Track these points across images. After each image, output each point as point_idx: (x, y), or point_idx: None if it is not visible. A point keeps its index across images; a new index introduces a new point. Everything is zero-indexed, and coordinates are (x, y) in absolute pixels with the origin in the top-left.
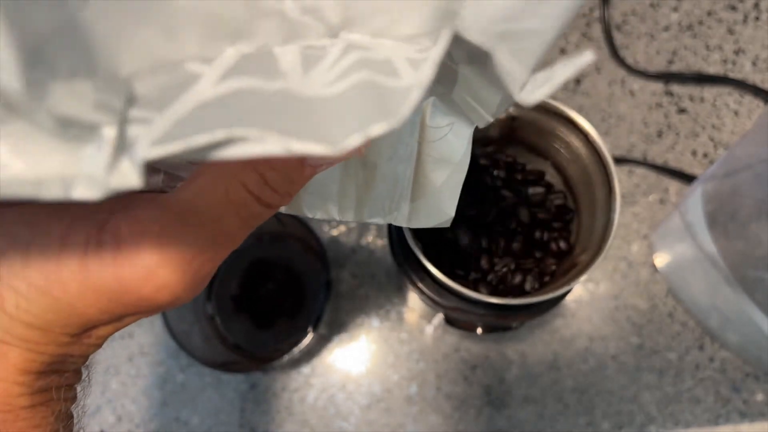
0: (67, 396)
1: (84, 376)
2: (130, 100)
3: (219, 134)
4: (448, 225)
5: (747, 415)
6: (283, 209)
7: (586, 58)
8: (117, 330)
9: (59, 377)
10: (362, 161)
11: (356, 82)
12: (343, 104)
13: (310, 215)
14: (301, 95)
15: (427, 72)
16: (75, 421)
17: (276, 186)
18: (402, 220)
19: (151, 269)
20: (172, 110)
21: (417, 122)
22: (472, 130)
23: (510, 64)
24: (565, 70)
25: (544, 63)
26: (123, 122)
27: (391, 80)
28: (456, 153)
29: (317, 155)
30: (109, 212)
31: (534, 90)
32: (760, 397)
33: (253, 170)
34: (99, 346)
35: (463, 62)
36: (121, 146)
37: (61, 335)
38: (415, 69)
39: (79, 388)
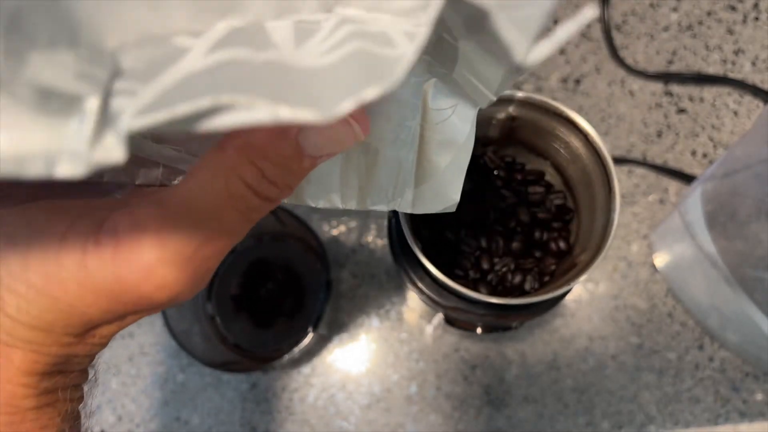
0: (73, 396)
1: (90, 375)
2: (115, 73)
3: (204, 102)
4: (453, 210)
5: (746, 414)
6: (285, 200)
7: (587, 14)
8: (121, 329)
9: (64, 377)
10: (363, 147)
11: (349, 51)
12: (335, 72)
13: (313, 205)
14: (293, 65)
15: (422, 31)
16: (82, 420)
17: (275, 179)
18: (406, 206)
19: (150, 267)
20: (158, 81)
21: (419, 105)
22: (476, 111)
23: (510, 34)
24: (566, 29)
25: (541, 62)
26: (107, 94)
27: (386, 49)
28: (460, 135)
29: (308, 122)
30: (110, 210)
31: (535, 48)
32: (759, 396)
33: (251, 164)
34: (104, 345)
35: (462, 36)
36: (105, 119)
37: (64, 335)
38: (411, 41)
39: (85, 388)
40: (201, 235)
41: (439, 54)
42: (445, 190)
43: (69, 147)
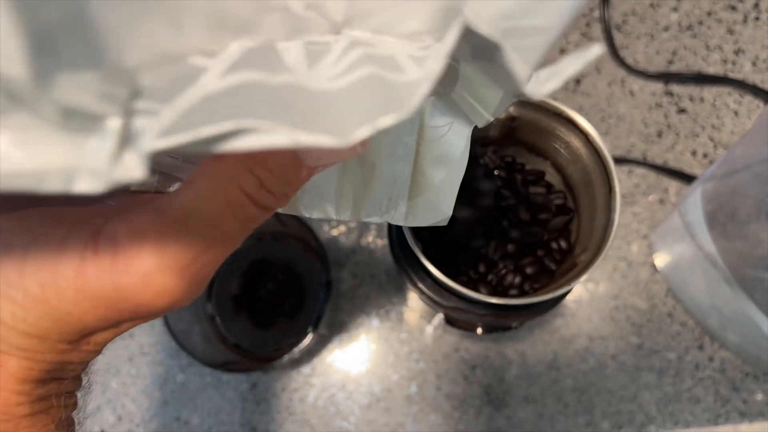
0: (67, 403)
1: (84, 382)
2: (135, 92)
3: (227, 125)
4: (444, 224)
5: (746, 414)
6: (280, 209)
7: (594, 51)
8: (116, 336)
9: (59, 384)
10: (360, 161)
11: (362, 76)
12: (349, 97)
13: (307, 215)
14: (307, 88)
15: (437, 63)
16: (77, 427)
17: (273, 189)
18: (399, 219)
19: (149, 275)
20: (178, 102)
21: (416, 122)
22: (471, 129)
23: (516, 63)
24: (573, 64)
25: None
26: (128, 114)
27: (396, 75)
28: (454, 152)
29: (325, 147)
30: (106, 217)
31: (543, 83)
32: (759, 396)
33: (249, 173)
34: (98, 352)
35: (465, 60)
36: (126, 138)
37: (59, 343)
38: (419, 66)
39: (79, 395)
40: (200, 243)
41: (441, 74)
42: (438, 205)
43: (89, 164)
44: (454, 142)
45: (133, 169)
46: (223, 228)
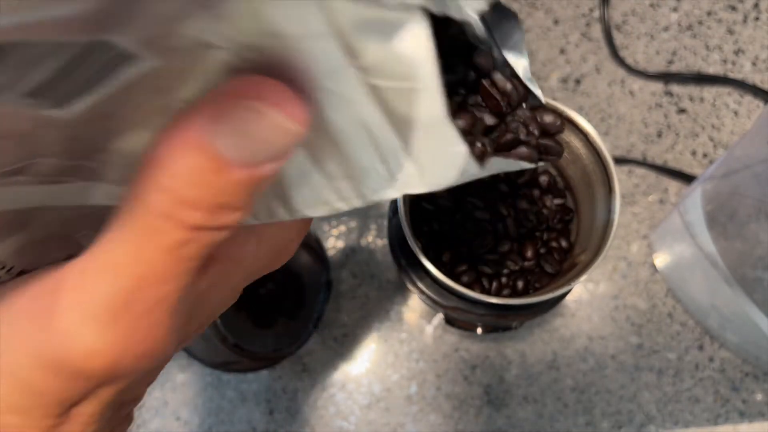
0: None
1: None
2: None
3: None
4: (472, 168)
5: (746, 414)
6: (286, 216)
7: None
8: (105, 407)
9: None
10: (312, 127)
11: None
12: None
13: (312, 215)
14: None
15: None
16: None
17: (196, 201)
18: (414, 183)
19: (72, 332)
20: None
21: (332, 37)
22: (427, 24)
23: None
24: None
25: (541, 62)
26: None
27: None
28: (414, 68)
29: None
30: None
31: None
32: (759, 396)
33: (155, 186)
34: (97, 423)
35: None
36: None
37: (43, 418)
38: None
39: None
40: (127, 284)
41: None
42: (442, 146)
43: None
44: (405, 55)
45: None
46: (149, 264)
